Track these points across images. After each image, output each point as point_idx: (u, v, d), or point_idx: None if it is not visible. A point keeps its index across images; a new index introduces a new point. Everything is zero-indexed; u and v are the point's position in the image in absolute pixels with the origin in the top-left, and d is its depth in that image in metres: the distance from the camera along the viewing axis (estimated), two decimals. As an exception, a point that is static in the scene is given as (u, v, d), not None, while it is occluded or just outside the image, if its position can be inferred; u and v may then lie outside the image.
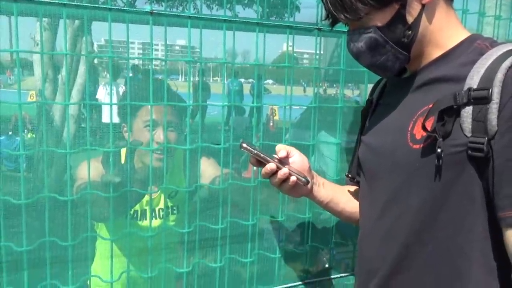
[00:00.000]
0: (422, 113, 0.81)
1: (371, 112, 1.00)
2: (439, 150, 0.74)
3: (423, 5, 0.81)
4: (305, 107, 1.39)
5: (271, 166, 0.91)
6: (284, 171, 0.92)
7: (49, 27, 1.41)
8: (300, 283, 1.33)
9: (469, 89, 0.74)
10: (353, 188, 1.08)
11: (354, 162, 1.05)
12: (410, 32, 0.82)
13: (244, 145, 0.91)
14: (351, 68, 1.25)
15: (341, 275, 1.40)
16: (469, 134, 0.73)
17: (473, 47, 0.81)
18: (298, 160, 0.97)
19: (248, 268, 1.24)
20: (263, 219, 1.27)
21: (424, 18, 0.82)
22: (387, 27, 0.81)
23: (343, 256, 1.42)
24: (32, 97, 1.46)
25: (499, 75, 0.71)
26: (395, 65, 0.86)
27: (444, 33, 0.84)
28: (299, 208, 1.28)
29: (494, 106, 0.71)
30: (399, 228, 0.84)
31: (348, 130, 1.32)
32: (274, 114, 7.74)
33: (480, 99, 0.72)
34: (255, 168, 1.29)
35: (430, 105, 0.79)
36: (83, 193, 1.03)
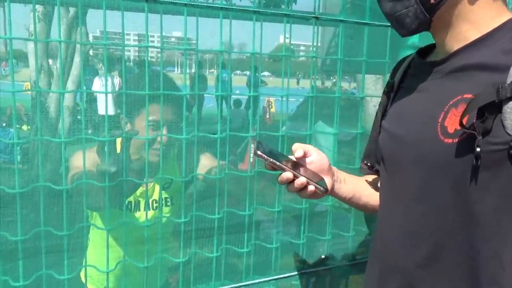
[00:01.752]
0: (454, 103, 0.73)
1: (392, 97, 0.92)
2: (478, 149, 0.67)
3: None
4: (302, 99, 1.38)
5: (287, 175, 0.85)
6: (301, 180, 0.85)
7: (43, 17, 1.40)
8: (296, 273, 1.33)
9: None
10: (371, 178, 1.02)
11: (372, 149, 0.98)
12: None
13: (259, 152, 0.84)
14: (348, 58, 1.24)
15: (337, 265, 1.40)
16: (511, 132, 0.67)
17: None
18: (316, 159, 0.90)
19: (244, 259, 1.24)
20: (259, 210, 1.27)
21: None
22: None
23: (339, 246, 1.42)
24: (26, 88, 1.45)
25: None
26: (413, 24, 0.78)
27: (485, 12, 0.75)
28: (296, 198, 1.28)
29: None
30: (427, 227, 0.78)
31: (345, 120, 1.32)
32: (270, 106, 7.74)
33: None
34: (251, 160, 1.28)
35: (465, 95, 0.71)
36: (78, 183, 1.03)
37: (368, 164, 1.00)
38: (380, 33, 1.27)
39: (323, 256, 1.39)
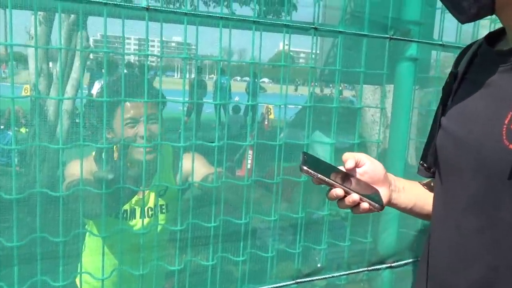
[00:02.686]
0: None
1: (455, 89, 0.80)
2: None
3: None
4: (301, 107, 1.39)
5: (336, 192, 0.78)
6: (353, 198, 0.77)
7: (44, 21, 1.40)
8: (292, 282, 1.33)
9: None
10: (432, 183, 0.91)
11: (430, 148, 0.87)
12: None
13: (305, 168, 0.76)
14: (346, 69, 1.25)
15: (333, 275, 1.40)
16: None
17: None
18: (370, 169, 0.83)
19: (240, 267, 1.24)
20: (256, 218, 1.27)
21: None
22: None
23: (335, 256, 1.42)
24: (26, 91, 1.45)
25: None
26: (472, 8, 0.68)
27: None
28: (292, 207, 1.28)
29: None
30: (482, 246, 0.69)
31: (342, 128, 1.32)
32: (269, 113, 7.74)
33: None
34: (249, 166, 1.29)
35: None
36: (75, 189, 1.03)
37: (425, 165, 0.89)
38: (379, 45, 1.28)
39: (318, 265, 1.39)
